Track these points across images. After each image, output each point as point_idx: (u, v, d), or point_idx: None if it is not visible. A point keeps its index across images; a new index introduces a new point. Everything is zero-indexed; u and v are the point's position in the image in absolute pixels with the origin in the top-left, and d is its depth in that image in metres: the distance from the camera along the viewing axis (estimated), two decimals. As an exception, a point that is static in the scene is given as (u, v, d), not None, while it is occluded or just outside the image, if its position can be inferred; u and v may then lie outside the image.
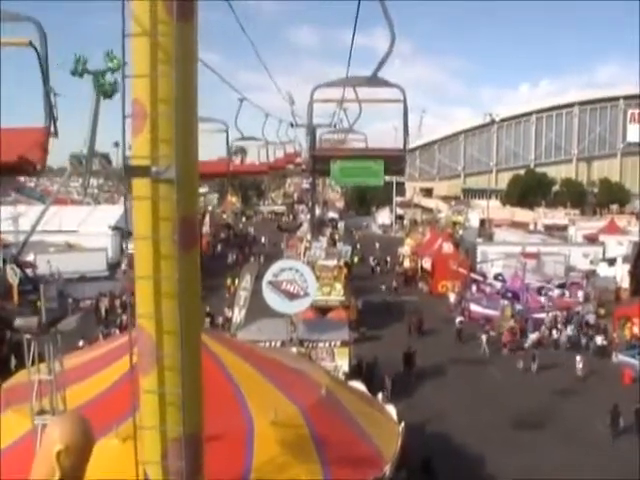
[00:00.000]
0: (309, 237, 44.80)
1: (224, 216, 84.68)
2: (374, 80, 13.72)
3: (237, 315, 22.87)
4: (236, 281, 36.55)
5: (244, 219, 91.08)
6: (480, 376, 26.98)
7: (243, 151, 78.96)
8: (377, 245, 62.80)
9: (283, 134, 40.70)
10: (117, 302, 36.73)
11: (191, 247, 5.73)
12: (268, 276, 20.33)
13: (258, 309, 22.87)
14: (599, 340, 29.69)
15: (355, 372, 22.89)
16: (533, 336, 31.15)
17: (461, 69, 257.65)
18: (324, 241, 42.77)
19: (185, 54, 5.23)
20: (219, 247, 63.00)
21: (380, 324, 33.47)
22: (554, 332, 31.23)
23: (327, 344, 21.68)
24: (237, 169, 46.37)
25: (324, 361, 21.49)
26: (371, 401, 15.33)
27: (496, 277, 39.05)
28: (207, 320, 34.21)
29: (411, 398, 23.39)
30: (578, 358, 26.50)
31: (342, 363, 21.79)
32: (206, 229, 62.40)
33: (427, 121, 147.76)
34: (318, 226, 51.28)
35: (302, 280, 20.20)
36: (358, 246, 62.20)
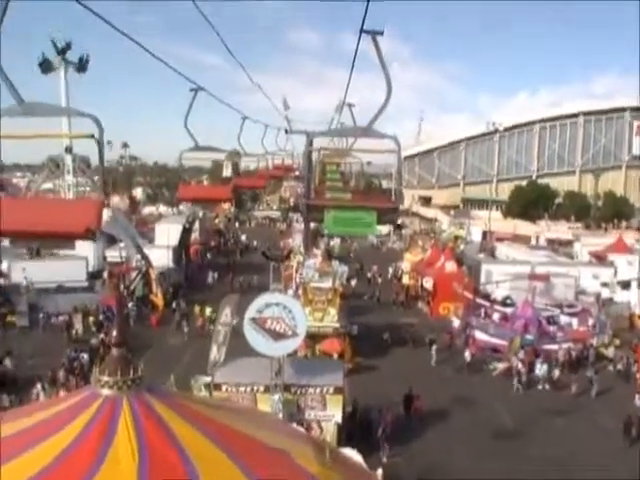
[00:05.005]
0: (302, 250, 42.01)
1: (216, 221, 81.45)
2: (369, 131, 14.01)
3: (215, 353, 19.92)
4: (206, 310, 33.90)
5: (237, 224, 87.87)
6: (493, 417, 24.10)
7: (237, 155, 74.56)
8: (374, 257, 59.93)
9: (272, 142, 37.45)
10: (91, 320, 33.62)
11: None
12: (251, 312, 17.33)
13: (238, 345, 19.83)
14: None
15: (349, 420, 20.15)
16: (500, 365, 28.95)
17: (458, 75, 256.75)
18: (318, 255, 39.81)
19: None
20: (209, 256, 60.02)
21: (377, 352, 30.67)
22: (520, 366, 27.99)
23: (318, 390, 18.75)
24: (184, 194, 37.13)
25: (314, 410, 18.65)
26: (369, 482, 12.53)
27: (504, 301, 35.89)
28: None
29: (413, 450, 20.59)
30: None
31: (335, 413, 18.88)
32: (195, 236, 59.35)
33: (424, 127, 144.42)
34: (312, 238, 48.38)
35: (290, 318, 17.21)
36: (352, 255, 59.72)
